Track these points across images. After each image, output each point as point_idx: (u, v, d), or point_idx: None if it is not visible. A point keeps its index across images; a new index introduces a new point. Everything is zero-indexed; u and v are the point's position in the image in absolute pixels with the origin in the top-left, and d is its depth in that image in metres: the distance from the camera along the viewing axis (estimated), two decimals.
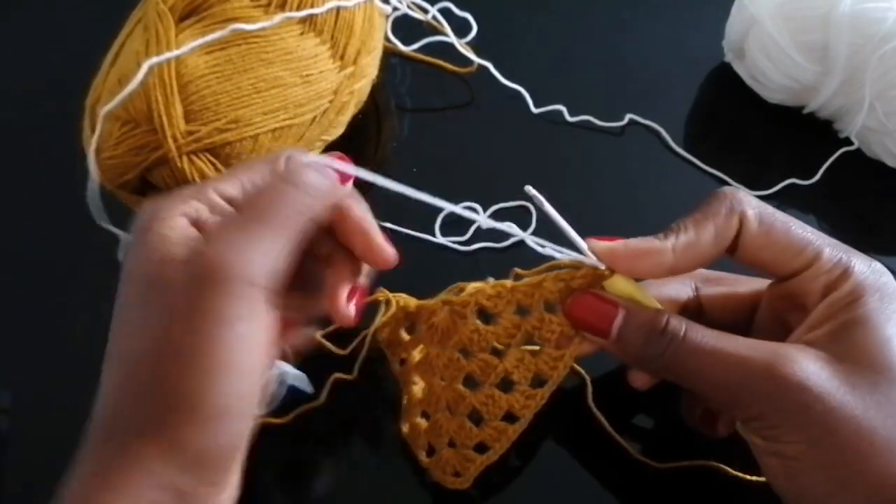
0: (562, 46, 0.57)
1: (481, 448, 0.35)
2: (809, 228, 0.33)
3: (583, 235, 0.34)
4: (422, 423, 0.37)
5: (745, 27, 0.51)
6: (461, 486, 0.36)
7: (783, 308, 0.34)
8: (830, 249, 0.32)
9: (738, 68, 0.54)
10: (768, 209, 0.33)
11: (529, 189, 0.33)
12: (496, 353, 0.35)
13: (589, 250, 0.33)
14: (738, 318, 0.37)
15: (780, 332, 0.33)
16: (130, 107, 0.40)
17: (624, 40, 0.57)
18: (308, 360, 0.37)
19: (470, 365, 0.35)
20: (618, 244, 0.33)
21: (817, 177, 0.50)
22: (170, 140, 0.40)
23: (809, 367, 0.30)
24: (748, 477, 0.37)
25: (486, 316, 0.35)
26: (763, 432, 0.31)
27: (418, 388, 0.37)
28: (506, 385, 0.35)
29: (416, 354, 0.37)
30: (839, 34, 0.47)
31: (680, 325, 0.32)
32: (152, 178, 0.41)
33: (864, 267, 0.32)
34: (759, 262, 0.33)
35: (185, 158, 0.40)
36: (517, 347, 0.34)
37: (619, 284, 0.33)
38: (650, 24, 0.58)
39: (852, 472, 0.29)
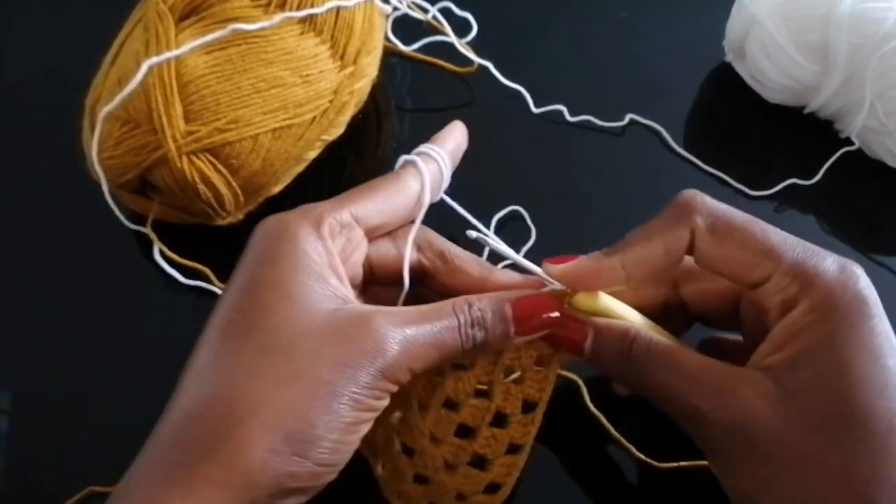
0: (562, 46, 0.57)
1: (492, 488, 0.34)
2: (775, 232, 0.31)
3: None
4: (417, 489, 0.35)
5: (746, 27, 0.51)
6: None
7: (756, 311, 0.33)
8: (792, 259, 0.30)
9: (739, 68, 0.54)
10: (727, 216, 0.32)
11: (471, 234, 0.34)
12: (480, 394, 0.34)
13: (545, 274, 0.33)
14: (724, 311, 0.36)
15: (763, 329, 0.32)
16: (130, 107, 0.40)
17: (624, 40, 0.57)
18: None
19: (461, 415, 0.34)
20: (569, 266, 0.33)
21: (818, 177, 0.50)
22: (169, 140, 0.40)
23: (755, 403, 0.29)
24: None
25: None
26: (717, 467, 0.31)
27: (412, 447, 0.35)
28: (499, 420, 0.34)
29: (394, 422, 0.35)
30: (839, 34, 0.47)
31: (644, 341, 0.32)
32: (152, 178, 0.41)
33: (832, 278, 0.29)
34: (717, 272, 0.32)
35: (184, 158, 0.40)
36: (500, 382, 0.34)
37: (585, 301, 0.33)
38: (651, 24, 0.58)
39: None
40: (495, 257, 0.37)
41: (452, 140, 0.38)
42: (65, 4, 0.57)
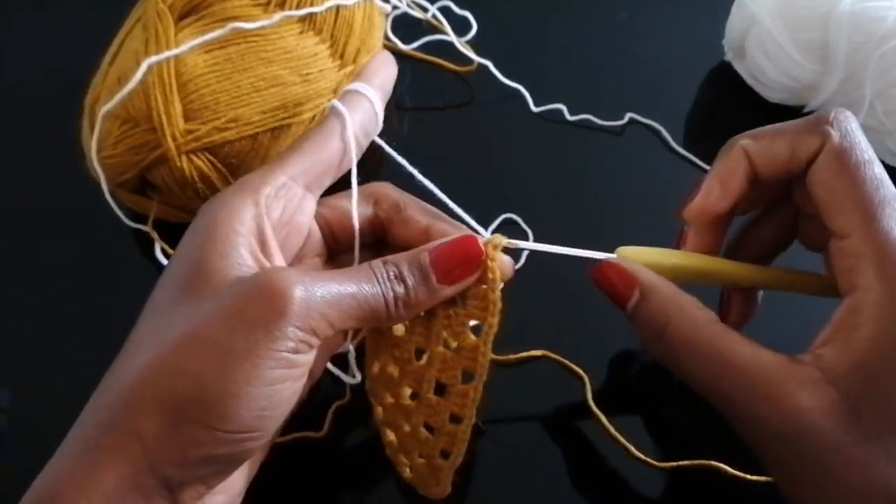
0: (562, 45, 0.57)
1: (445, 454, 0.34)
2: (889, 188, 0.28)
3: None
4: (393, 440, 0.36)
5: (746, 26, 0.51)
6: (441, 494, 0.35)
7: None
8: (883, 228, 0.27)
9: (739, 67, 0.54)
10: (859, 148, 0.29)
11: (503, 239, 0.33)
12: (420, 354, 0.34)
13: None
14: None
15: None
16: (129, 106, 0.40)
17: (624, 39, 0.57)
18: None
19: (405, 379, 0.34)
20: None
21: None
22: (169, 139, 0.40)
23: (813, 412, 0.26)
24: (748, 477, 0.37)
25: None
26: (767, 464, 0.30)
27: (380, 404, 0.36)
28: (441, 389, 0.34)
29: (375, 368, 0.36)
30: (839, 33, 0.46)
31: (683, 315, 0.30)
32: (151, 177, 0.41)
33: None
34: (814, 200, 0.30)
35: (184, 157, 0.40)
36: (435, 350, 0.33)
37: (629, 253, 0.33)
38: (650, 23, 0.58)
39: None
40: None
41: (380, 73, 0.38)
42: (65, 4, 0.57)
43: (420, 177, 0.38)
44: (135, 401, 0.26)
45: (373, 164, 0.36)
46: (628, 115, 0.52)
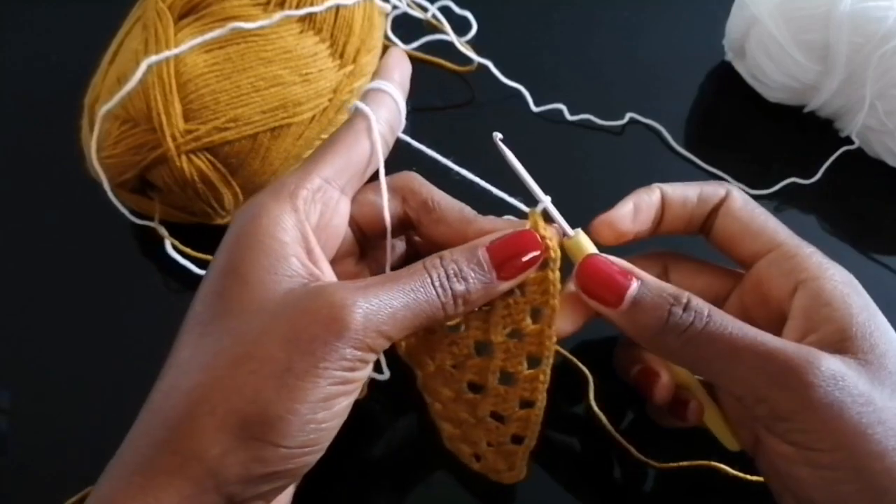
0: (562, 45, 0.57)
1: (517, 439, 0.35)
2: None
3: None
4: (455, 432, 0.36)
5: (746, 26, 0.51)
6: (518, 477, 0.36)
7: (750, 302, 0.34)
8: (796, 245, 0.33)
9: (739, 67, 0.53)
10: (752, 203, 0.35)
11: (497, 135, 0.34)
12: (481, 351, 0.34)
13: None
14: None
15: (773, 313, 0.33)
16: (129, 106, 0.40)
17: (624, 39, 0.57)
18: None
19: (467, 374, 0.34)
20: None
21: (818, 176, 0.50)
22: (168, 139, 0.39)
23: (839, 368, 0.29)
24: (748, 477, 0.37)
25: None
26: (792, 436, 0.29)
27: (437, 400, 0.36)
28: (507, 377, 0.34)
29: (430, 365, 0.36)
30: (840, 33, 0.46)
31: (703, 304, 0.31)
32: (151, 176, 0.41)
33: (823, 258, 0.33)
34: (733, 235, 0.34)
35: (184, 157, 0.40)
36: (499, 339, 0.33)
37: (584, 245, 0.33)
38: (651, 23, 0.58)
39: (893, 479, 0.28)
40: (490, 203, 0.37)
41: (397, 69, 0.37)
42: (65, 4, 0.57)
43: (456, 167, 0.37)
44: (193, 421, 0.26)
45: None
46: (628, 115, 0.52)
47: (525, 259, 0.31)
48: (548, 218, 0.33)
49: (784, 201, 0.49)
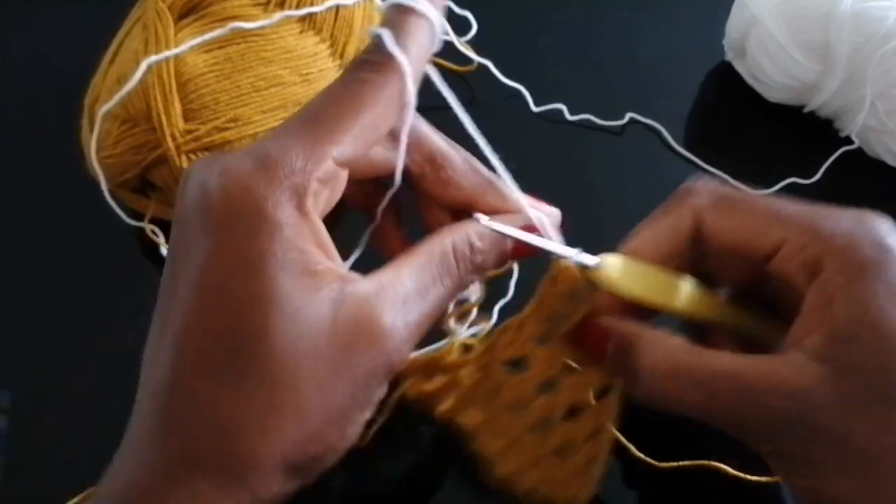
0: (562, 45, 0.57)
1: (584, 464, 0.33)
2: (781, 200, 0.29)
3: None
4: (509, 470, 0.34)
5: (746, 26, 0.51)
6: (585, 499, 0.33)
7: (782, 291, 0.29)
8: (807, 218, 0.28)
9: (739, 67, 0.53)
10: (729, 191, 0.30)
11: (480, 217, 0.30)
12: (545, 389, 0.32)
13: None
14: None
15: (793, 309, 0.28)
16: (129, 105, 0.40)
17: (624, 38, 0.57)
18: None
19: (529, 416, 0.32)
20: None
21: (818, 176, 0.50)
22: (169, 139, 0.39)
23: (808, 393, 0.25)
24: (748, 477, 0.37)
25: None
26: (779, 462, 0.27)
27: (491, 444, 0.34)
28: (573, 411, 0.32)
29: (477, 414, 0.33)
30: (840, 33, 0.46)
31: (651, 364, 0.27)
32: (152, 176, 0.41)
33: (849, 231, 0.28)
34: (730, 247, 0.29)
35: (184, 157, 0.40)
36: (567, 373, 0.31)
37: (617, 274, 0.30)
38: (650, 23, 0.58)
39: None
40: None
41: None
42: (65, 4, 0.57)
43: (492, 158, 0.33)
44: (257, 476, 0.23)
45: None
46: (628, 115, 0.52)
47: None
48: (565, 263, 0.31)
49: None
